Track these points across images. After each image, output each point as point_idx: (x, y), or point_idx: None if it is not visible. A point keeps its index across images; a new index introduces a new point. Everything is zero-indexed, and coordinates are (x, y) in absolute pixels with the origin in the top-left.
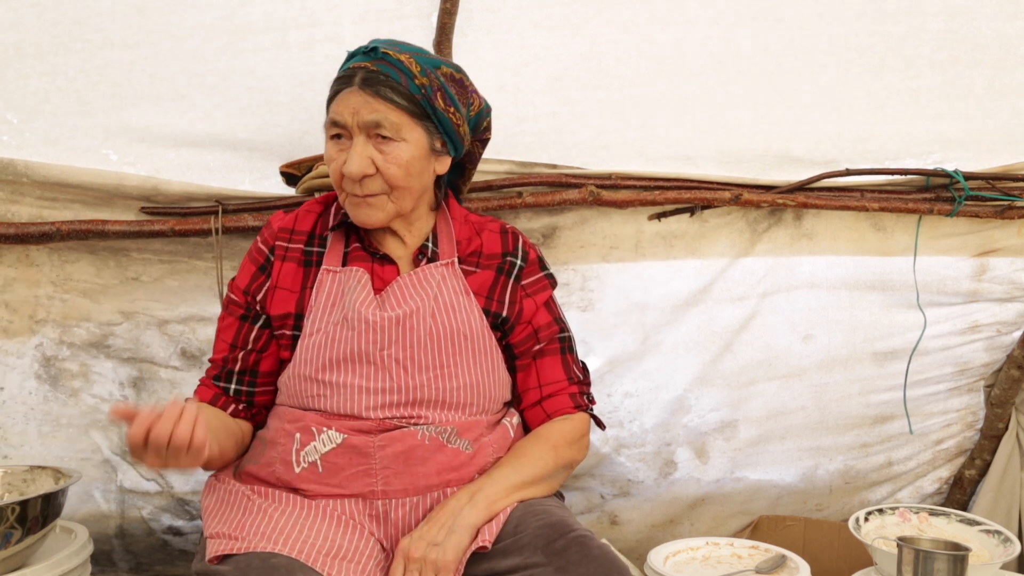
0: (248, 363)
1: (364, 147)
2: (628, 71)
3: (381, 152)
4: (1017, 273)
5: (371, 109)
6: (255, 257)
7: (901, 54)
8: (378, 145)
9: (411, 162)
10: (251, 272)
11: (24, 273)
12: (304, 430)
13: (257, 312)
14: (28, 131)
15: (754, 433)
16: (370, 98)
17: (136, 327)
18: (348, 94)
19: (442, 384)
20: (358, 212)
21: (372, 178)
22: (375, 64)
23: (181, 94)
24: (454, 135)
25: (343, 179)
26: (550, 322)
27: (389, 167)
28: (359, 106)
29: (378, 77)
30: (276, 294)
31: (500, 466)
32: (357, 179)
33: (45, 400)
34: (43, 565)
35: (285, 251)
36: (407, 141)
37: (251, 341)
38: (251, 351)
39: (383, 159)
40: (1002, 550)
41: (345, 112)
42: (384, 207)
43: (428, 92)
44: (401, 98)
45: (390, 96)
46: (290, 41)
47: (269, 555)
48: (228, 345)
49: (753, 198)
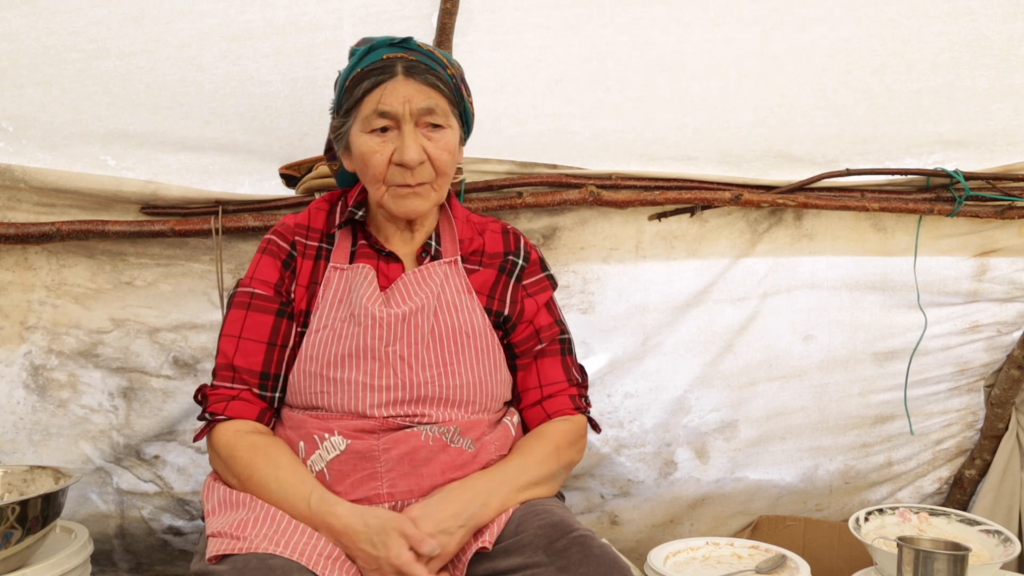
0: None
1: (415, 135)
2: (628, 72)
3: (430, 139)
4: (1017, 273)
5: (425, 96)
6: (276, 252)
7: (902, 56)
8: (427, 132)
9: (455, 148)
10: (277, 267)
11: (20, 276)
12: (307, 438)
13: (292, 308)
14: (25, 137)
15: (754, 433)
16: (422, 85)
17: (126, 335)
18: (395, 83)
19: (445, 381)
20: (404, 203)
21: (424, 166)
22: (413, 55)
23: (179, 102)
24: (471, 125)
25: (389, 170)
26: (551, 323)
27: (441, 153)
28: (411, 94)
29: (421, 66)
30: (297, 291)
31: (509, 465)
32: (414, 167)
33: (34, 410)
34: (43, 565)
35: (304, 247)
36: (452, 128)
37: (290, 338)
38: (287, 349)
39: (433, 146)
40: (1002, 550)
41: (395, 101)
42: (429, 196)
43: (458, 81)
44: (444, 86)
45: (437, 84)
46: (289, 46)
47: (267, 556)
48: (265, 344)
49: (753, 198)
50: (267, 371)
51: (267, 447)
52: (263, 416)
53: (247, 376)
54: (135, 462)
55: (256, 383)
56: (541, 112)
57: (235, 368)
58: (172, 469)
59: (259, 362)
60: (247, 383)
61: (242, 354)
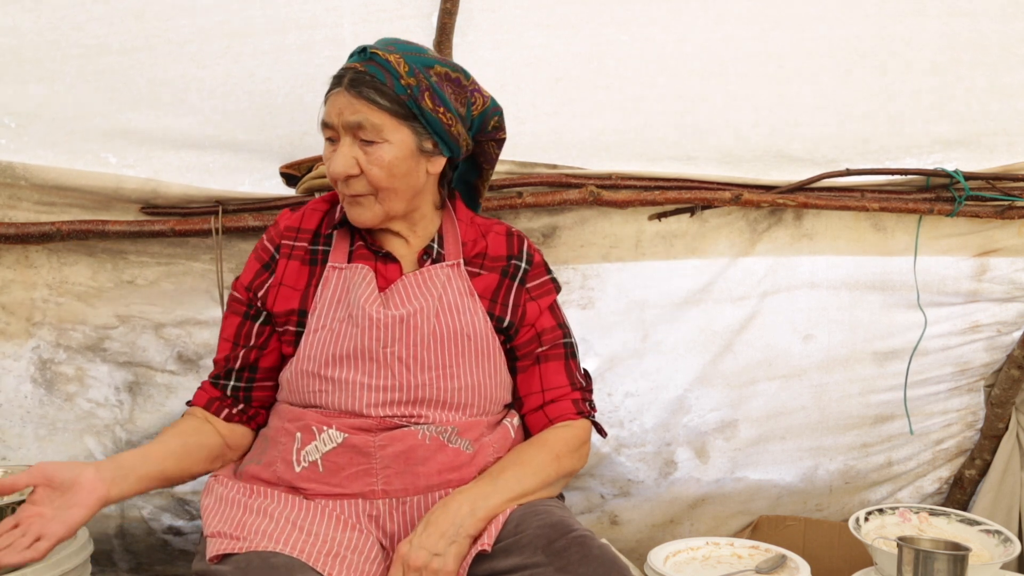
0: (248, 360)
1: (350, 148)
2: (628, 71)
3: (365, 153)
4: (1017, 273)
5: (353, 110)
6: (260, 255)
7: (902, 55)
8: (363, 146)
9: (393, 163)
10: (255, 269)
11: (22, 275)
12: (304, 429)
13: (258, 309)
14: (26, 135)
15: (754, 433)
16: (353, 99)
17: (132, 331)
18: (335, 95)
19: (444, 384)
20: (351, 211)
21: (357, 179)
22: (363, 65)
23: (180, 98)
24: (445, 135)
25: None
26: (554, 326)
27: (371, 168)
28: (343, 107)
29: (363, 78)
30: (280, 291)
31: (502, 473)
32: (341, 179)
33: (41, 404)
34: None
35: (291, 249)
36: (390, 142)
37: (252, 337)
38: (252, 348)
39: (366, 160)
40: (1002, 550)
41: (332, 113)
42: (372, 208)
43: (415, 92)
44: (384, 99)
45: (372, 97)
46: (290, 43)
47: (269, 554)
48: (230, 344)
49: (753, 198)
50: (230, 367)
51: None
52: (211, 404)
53: (215, 369)
54: None
55: (216, 373)
56: (541, 111)
57: (215, 363)
58: None
59: (223, 358)
60: (211, 376)
61: (219, 351)
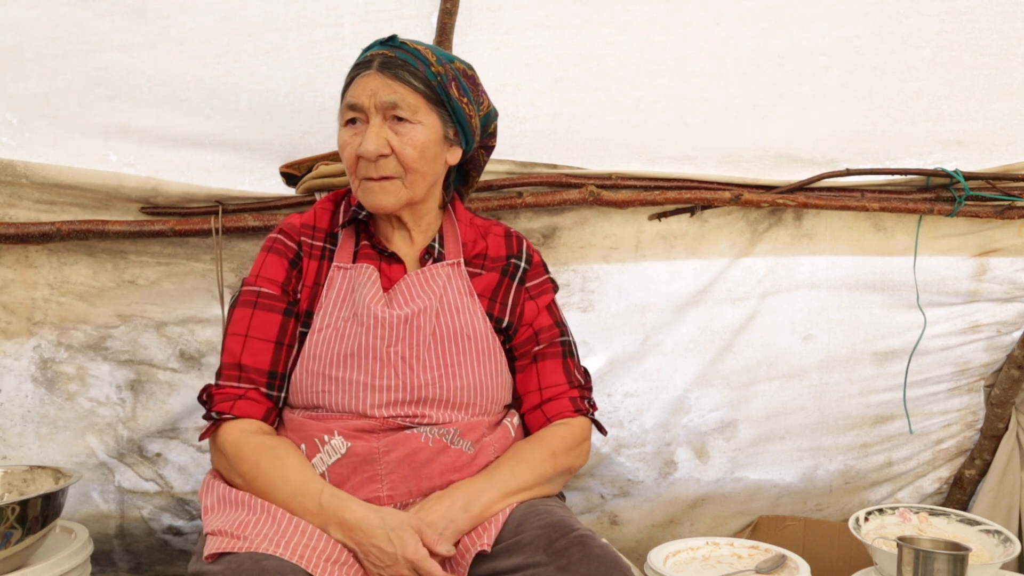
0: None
1: (380, 128)
2: (628, 72)
3: (397, 133)
4: (1017, 273)
5: (390, 90)
6: (283, 251)
7: (902, 55)
8: (394, 127)
9: (426, 145)
10: (284, 266)
11: (22, 275)
12: (307, 441)
13: (297, 308)
14: (28, 131)
15: (754, 433)
16: (389, 80)
17: (134, 329)
18: (366, 77)
19: (446, 383)
20: (371, 196)
21: (387, 159)
22: (393, 51)
23: (180, 97)
24: (467, 126)
25: (358, 163)
26: (551, 325)
27: (405, 148)
28: (377, 87)
29: (396, 61)
30: (304, 291)
31: (498, 468)
32: (373, 159)
33: (42, 403)
34: (43, 565)
35: (310, 248)
36: (423, 124)
37: (296, 339)
38: (293, 348)
39: (399, 140)
40: (1002, 550)
41: (362, 95)
42: (397, 192)
43: (444, 80)
44: (418, 81)
45: (407, 79)
46: (290, 43)
47: (262, 556)
48: (273, 344)
49: (753, 198)
50: (274, 370)
51: (274, 447)
52: (268, 416)
53: (254, 375)
54: (137, 459)
55: (264, 382)
56: (541, 112)
57: (242, 367)
58: (173, 468)
59: (267, 361)
60: (254, 382)
61: (249, 353)
